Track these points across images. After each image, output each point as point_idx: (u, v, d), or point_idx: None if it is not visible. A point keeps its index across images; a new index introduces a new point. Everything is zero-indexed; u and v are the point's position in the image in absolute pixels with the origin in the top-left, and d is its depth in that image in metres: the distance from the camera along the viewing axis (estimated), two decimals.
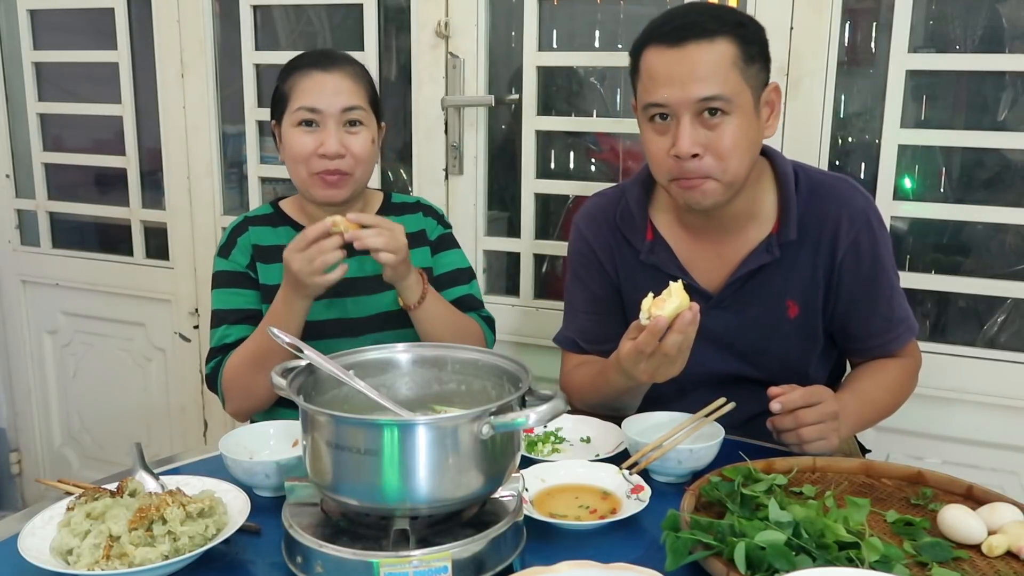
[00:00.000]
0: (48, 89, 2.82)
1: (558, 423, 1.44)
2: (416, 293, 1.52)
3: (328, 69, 1.55)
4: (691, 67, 1.32)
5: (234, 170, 2.66)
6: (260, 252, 1.62)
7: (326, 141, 1.52)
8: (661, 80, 1.34)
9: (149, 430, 2.85)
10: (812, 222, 1.46)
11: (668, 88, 1.33)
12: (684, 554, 0.98)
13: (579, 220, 1.64)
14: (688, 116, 1.33)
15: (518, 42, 2.21)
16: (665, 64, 1.34)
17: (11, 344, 3.03)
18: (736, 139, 1.34)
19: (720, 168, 1.35)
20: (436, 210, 1.76)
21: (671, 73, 1.33)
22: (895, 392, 1.54)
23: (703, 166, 1.35)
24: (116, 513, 1.03)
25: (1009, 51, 1.91)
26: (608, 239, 1.58)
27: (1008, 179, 1.98)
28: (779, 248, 1.46)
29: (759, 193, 1.48)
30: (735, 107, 1.33)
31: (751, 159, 1.39)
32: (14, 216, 2.93)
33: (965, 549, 1.04)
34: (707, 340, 1.34)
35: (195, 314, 2.69)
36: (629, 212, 1.55)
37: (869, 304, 1.49)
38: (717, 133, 1.34)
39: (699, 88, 1.31)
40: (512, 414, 0.96)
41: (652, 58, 1.36)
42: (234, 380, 1.52)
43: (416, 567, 0.94)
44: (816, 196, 1.47)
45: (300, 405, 0.99)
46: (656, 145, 1.39)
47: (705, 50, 1.32)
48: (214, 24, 2.51)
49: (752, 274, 1.48)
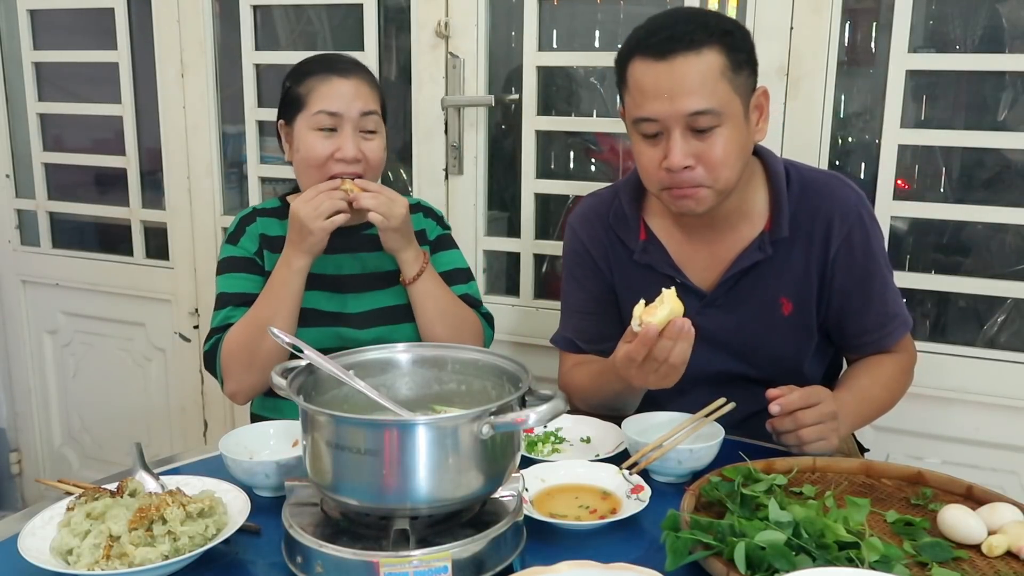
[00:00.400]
0: (48, 89, 2.82)
1: (558, 423, 1.44)
2: (414, 269, 1.58)
3: (346, 75, 1.58)
4: (679, 81, 1.31)
5: (234, 170, 2.66)
6: (268, 242, 1.64)
7: (344, 145, 1.55)
8: (650, 95, 1.33)
9: (149, 430, 2.85)
10: (804, 219, 1.46)
11: (657, 103, 1.33)
12: (684, 554, 0.99)
13: (573, 220, 1.64)
14: (678, 129, 1.33)
15: (518, 42, 2.21)
16: (653, 78, 1.33)
17: (11, 344, 3.03)
18: (727, 149, 1.34)
19: (712, 177, 1.36)
20: (436, 211, 1.78)
21: (659, 88, 1.32)
22: (892, 388, 1.54)
23: (695, 176, 1.35)
24: (116, 513, 1.03)
25: (1009, 51, 1.91)
26: (602, 239, 1.58)
27: (1008, 179, 1.98)
28: (771, 245, 1.46)
29: (751, 192, 1.48)
30: (725, 117, 1.33)
31: (743, 165, 1.40)
32: (14, 216, 2.93)
33: (965, 549, 1.04)
34: (702, 340, 1.33)
35: (195, 314, 2.69)
36: (623, 212, 1.55)
37: (863, 299, 1.48)
38: (708, 144, 1.33)
39: (688, 102, 1.31)
40: (512, 414, 0.96)
41: (639, 71, 1.35)
42: (233, 353, 1.52)
43: (416, 567, 0.94)
44: (808, 193, 1.47)
45: (300, 405, 0.99)
46: (647, 157, 1.38)
47: (692, 62, 1.31)
48: (214, 24, 2.51)
49: (745, 272, 1.48)
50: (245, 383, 1.55)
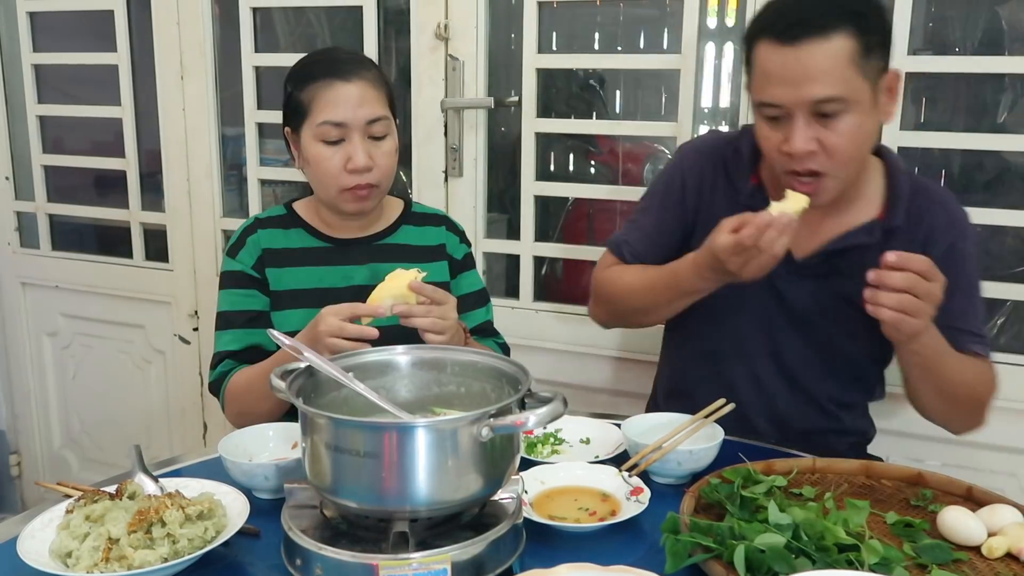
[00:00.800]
0: (48, 91, 2.82)
1: (557, 425, 1.44)
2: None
3: (348, 78, 1.49)
4: (805, 67, 1.27)
5: (234, 172, 2.66)
6: (270, 256, 1.58)
7: (354, 156, 1.48)
8: (775, 79, 1.30)
9: (148, 432, 2.84)
10: (915, 216, 1.44)
11: (781, 88, 1.30)
12: (684, 556, 0.99)
13: (687, 149, 1.62)
14: (803, 115, 1.30)
15: (518, 44, 2.21)
16: (779, 63, 1.29)
17: (11, 346, 3.03)
18: (852, 136, 1.31)
19: (833, 164, 1.32)
20: (458, 227, 1.73)
21: (784, 73, 1.29)
22: (972, 371, 1.43)
23: (816, 162, 1.32)
24: (115, 515, 1.03)
25: (1008, 53, 1.91)
26: (709, 175, 1.55)
27: (1008, 181, 1.99)
28: (881, 233, 1.44)
29: (868, 178, 1.46)
30: (852, 104, 1.29)
31: (867, 152, 1.38)
32: (14, 218, 2.93)
33: (965, 551, 1.04)
34: (776, 305, 1.41)
35: (195, 316, 2.69)
36: (740, 154, 1.52)
37: (944, 311, 1.32)
38: (832, 130, 1.30)
39: (814, 89, 1.27)
40: (512, 416, 0.96)
41: (764, 54, 1.31)
42: (237, 400, 1.51)
43: (415, 569, 0.94)
44: (923, 194, 1.47)
45: (299, 407, 0.99)
46: (768, 139, 1.36)
47: (821, 48, 1.26)
48: (214, 26, 2.50)
49: (845, 252, 1.45)
50: (242, 423, 1.49)
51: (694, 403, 1.40)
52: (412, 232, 1.66)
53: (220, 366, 1.55)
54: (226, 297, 1.58)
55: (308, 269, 1.59)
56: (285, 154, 2.46)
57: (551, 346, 2.19)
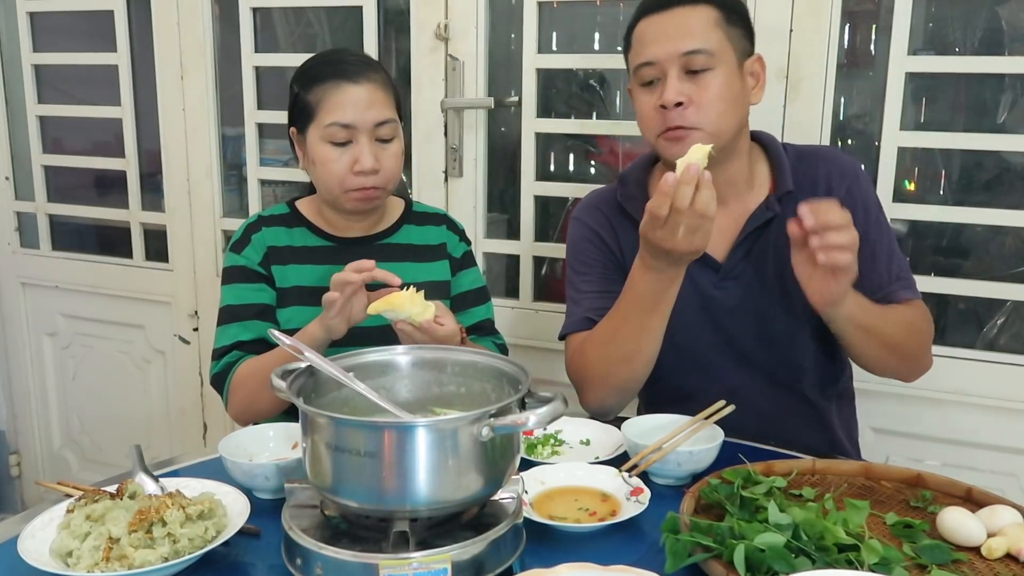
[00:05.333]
0: (48, 91, 2.82)
1: (558, 425, 1.44)
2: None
3: (357, 80, 1.50)
4: (676, 26, 1.43)
5: (233, 172, 2.66)
6: (275, 254, 1.59)
7: (361, 158, 1.49)
8: (649, 40, 1.45)
9: (149, 432, 2.84)
10: (805, 181, 1.52)
11: (655, 45, 1.44)
12: (683, 556, 0.98)
13: (578, 212, 1.67)
14: (675, 70, 1.42)
15: (518, 44, 2.21)
16: (652, 27, 1.45)
17: (11, 346, 3.03)
18: (720, 91, 1.42)
19: (703, 118, 1.42)
20: (459, 225, 1.74)
21: (657, 33, 1.44)
22: (909, 316, 1.48)
23: (687, 115, 1.42)
24: (116, 515, 1.03)
25: (1008, 54, 1.91)
26: (611, 221, 1.61)
27: (1008, 181, 1.99)
28: (778, 203, 1.50)
29: (752, 163, 1.55)
30: (719, 62, 1.42)
31: (736, 118, 1.46)
32: (14, 218, 2.93)
33: (964, 551, 1.04)
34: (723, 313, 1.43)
35: (195, 316, 2.69)
36: (631, 192, 1.59)
37: (867, 257, 1.44)
38: (701, 85, 1.42)
39: (684, 43, 1.41)
40: (512, 416, 0.96)
41: (642, 27, 1.47)
42: (243, 385, 1.50)
43: (416, 569, 0.94)
44: (805, 159, 1.55)
45: (300, 407, 0.99)
46: (645, 103, 1.47)
47: (689, 12, 1.43)
48: (214, 26, 2.51)
49: (756, 235, 1.51)
50: (245, 419, 1.53)
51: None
52: (414, 232, 1.67)
53: (227, 356, 1.53)
54: (233, 291, 1.57)
55: (311, 267, 1.59)
56: (285, 154, 2.49)
57: (551, 346, 2.19)
